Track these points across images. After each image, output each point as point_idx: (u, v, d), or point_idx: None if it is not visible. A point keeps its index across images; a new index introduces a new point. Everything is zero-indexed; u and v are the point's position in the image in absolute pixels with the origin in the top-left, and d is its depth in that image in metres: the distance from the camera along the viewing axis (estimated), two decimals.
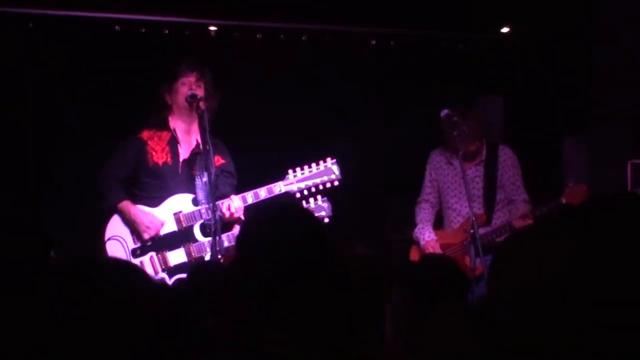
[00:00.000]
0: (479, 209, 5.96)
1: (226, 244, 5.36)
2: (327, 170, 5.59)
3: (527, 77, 7.14)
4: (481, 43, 7.29)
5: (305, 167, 5.57)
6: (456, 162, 6.02)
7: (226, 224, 5.47)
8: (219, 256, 5.17)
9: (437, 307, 3.55)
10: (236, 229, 5.46)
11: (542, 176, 6.92)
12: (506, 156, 6.12)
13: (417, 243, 6.11)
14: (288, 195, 5.50)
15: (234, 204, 5.41)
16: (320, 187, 5.57)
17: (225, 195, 5.56)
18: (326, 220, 5.49)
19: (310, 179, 5.56)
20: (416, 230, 6.13)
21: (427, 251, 5.93)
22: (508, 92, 7.37)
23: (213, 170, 5.31)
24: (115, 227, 5.50)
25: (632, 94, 6.34)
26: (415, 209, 6.22)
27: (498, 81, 7.33)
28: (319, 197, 5.56)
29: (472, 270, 5.49)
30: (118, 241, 5.47)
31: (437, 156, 6.20)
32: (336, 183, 5.59)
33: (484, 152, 6.06)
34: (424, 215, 6.15)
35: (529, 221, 5.77)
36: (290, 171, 5.55)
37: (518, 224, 5.79)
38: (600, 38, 6.46)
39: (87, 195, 5.78)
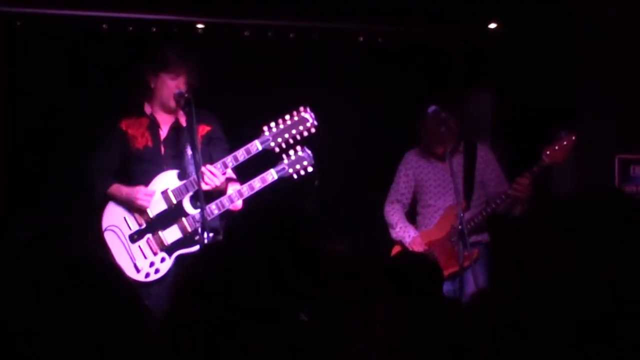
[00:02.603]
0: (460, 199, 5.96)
1: (216, 212, 5.34)
2: (302, 119, 5.46)
3: (515, 72, 7.15)
4: (469, 38, 7.30)
5: (279, 120, 5.44)
6: (435, 160, 6.05)
7: (219, 192, 5.44)
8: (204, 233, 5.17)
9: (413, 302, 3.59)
10: (228, 192, 5.42)
11: (542, 173, 6.93)
12: (484, 152, 6.12)
13: (398, 243, 6.09)
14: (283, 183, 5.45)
15: (207, 175, 5.35)
16: (298, 137, 5.43)
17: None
18: (310, 168, 5.41)
19: (286, 132, 5.42)
20: (397, 230, 6.07)
21: (414, 249, 5.92)
22: (496, 87, 7.39)
23: (199, 140, 5.33)
24: (109, 217, 5.51)
25: (619, 88, 6.37)
26: (387, 210, 6.17)
27: (486, 76, 7.34)
28: (298, 147, 5.46)
29: (469, 257, 5.52)
30: (113, 231, 5.47)
31: (415, 156, 6.18)
32: (313, 130, 5.44)
33: (462, 145, 6.04)
34: (400, 215, 6.12)
35: (525, 183, 5.70)
36: (264, 127, 5.43)
37: (513, 191, 5.74)
38: (587, 33, 6.49)
39: (78, 187, 5.81)
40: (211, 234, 5.32)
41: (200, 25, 6.80)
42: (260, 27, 6.88)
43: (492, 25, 7.24)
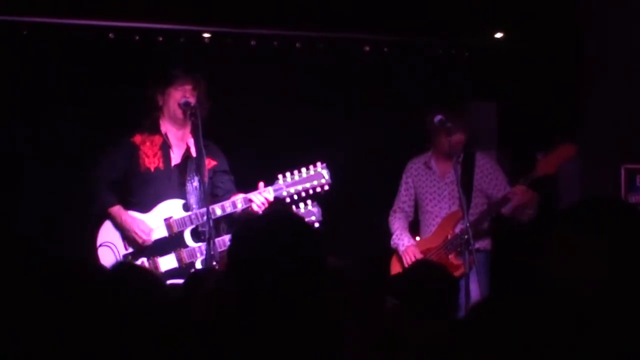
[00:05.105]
0: (456, 207, 5.98)
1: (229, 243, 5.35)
2: (317, 175, 5.55)
3: (521, 83, 7.15)
4: (475, 49, 7.31)
5: (295, 171, 5.53)
6: (435, 167, 6.09)
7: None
8: (214, 262, 5.18)
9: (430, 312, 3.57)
10: None
11: (536, 183, 6.93)
12: (484, 161, 6.15)
13: (395, 251, 6.12)
14: (280, 203, 5.50)
15: (260, 198, 5.42)
16: (310, 191, 5.52)
17: (230, 192, 5.60)
18: (316, 225, 5.46)
19: (300, 184, 5.52)
20: (394, 237, 6.14)
21: (407, 257, 5.95)
22: (501, 98, 7.38)
23: (206, 173, 5.37)
24: (107, 233, 5.50)
25: (624, 98, 6.36)
26: (390, 218, 6.23)
27: (491, 87, 7.34)
28: (309, 201, 5.52)
29: (461, 266, 5.54)
30: (109, 247, 5.46)
31: (415, 164, 6.23)
32: (326, 187, 5.54)
33: (461, 155, 6.07)
34: (400, 223, 6.17)
35: (523, 188, 5.74)
36: (280, 176, 5.52)
37: (514, 196, 5.77)
38: (592, 44, 6.49)
39: (78, 199, 5.81)
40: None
41: (206, 35, 6.81)
42: (267, 37, 6.89)
43: (498, 35, 7.24)
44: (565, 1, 6.63)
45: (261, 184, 5.49)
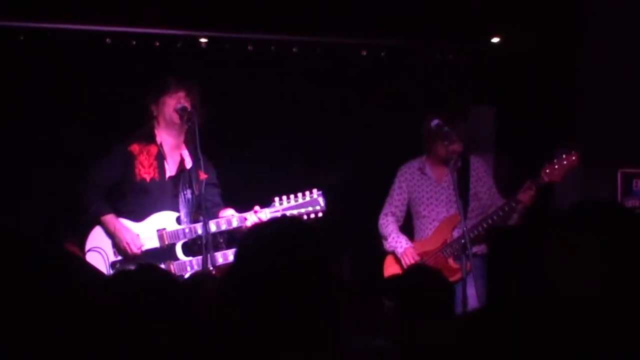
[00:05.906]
0: (454, 211, 5.98)
1: (221, 260, 5.38)
2: (313, 201, 5.63)
3: (519, 87, 7.15)
4: (472, 53, 7.31)
5: (292, 196, 5.61)
6: (430, 173, 6.09)
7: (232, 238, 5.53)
8: (210, 268, 5.19)
9: (426, 317, 3.57)
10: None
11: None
12: (478, 164, 6.15)
13: (391, 254, 6.12)
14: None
15: (254, 218, 5.47)
16: (305, 217, 5.60)
17: (218, 205, 5.66)
18: None
19: (295, 209, 5.60)
20: (390, 240, 6.12)
21: (406, 259, 5.95)
22: (499, 102, 7.39)
23: (202, 186, 5.39)
24: (96, 239, 5.50)
25: (621, 102, 6.38)
26: (380, 222, 6.22)
27: (489, 92, 7.34)
28: None
29: (460, 270, 5.55)
30: (98, 253, 5.47)
31: (409, 169, 6.23)
32: (320, 214, 5.64)
33: (459, 161, 6.07)
34: (393, 227, 6.17)
35: (531, 192, 5.75)
36: (276, 198, 5.59)
37: (523, 197, 5.77)
38: (589, 48, 6.50)
39: (69, 203, 5.81)
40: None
41: (203, 40, 6.81)
42: (264, 41, 6.89)
43: (495, 40, 7.25)
44: (563, 6, 6.64)
45: (257, 207, 5.53)
